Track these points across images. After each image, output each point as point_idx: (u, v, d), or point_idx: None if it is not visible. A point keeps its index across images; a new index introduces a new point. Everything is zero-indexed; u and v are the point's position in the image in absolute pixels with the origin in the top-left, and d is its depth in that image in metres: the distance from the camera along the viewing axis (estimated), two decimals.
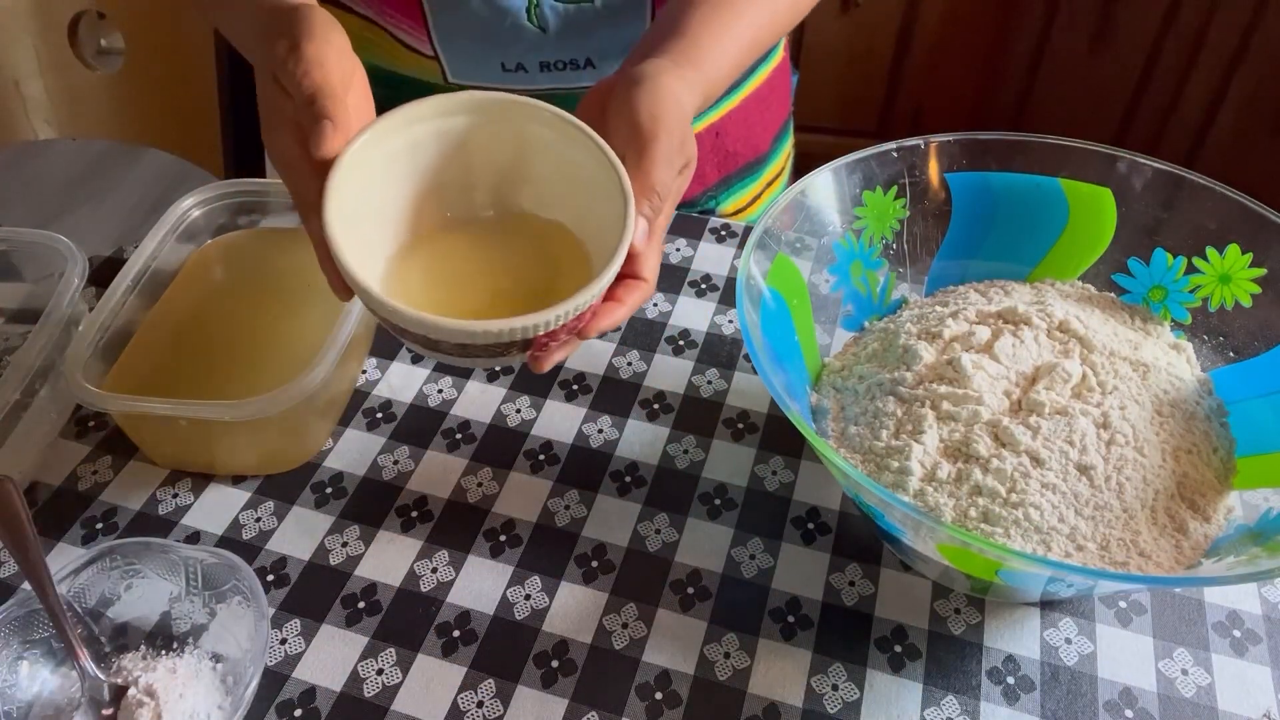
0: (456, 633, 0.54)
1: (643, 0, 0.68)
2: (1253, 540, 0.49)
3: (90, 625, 0.52)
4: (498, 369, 0.68)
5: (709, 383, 0.67)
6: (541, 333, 0.43)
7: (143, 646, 0.52)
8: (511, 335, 0.42)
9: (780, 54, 0.86)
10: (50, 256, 0.65)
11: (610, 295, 0.47)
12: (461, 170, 0.49)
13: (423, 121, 0.47)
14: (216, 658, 0.52)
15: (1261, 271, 0.57)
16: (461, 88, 0.72)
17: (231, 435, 0.59)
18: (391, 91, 0.76)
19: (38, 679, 0.50)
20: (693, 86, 0.51)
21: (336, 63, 0.46)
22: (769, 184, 0.90)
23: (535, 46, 0.69)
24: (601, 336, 0.70)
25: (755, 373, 0.67)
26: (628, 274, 0.47)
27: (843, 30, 1.86)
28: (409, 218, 0.50)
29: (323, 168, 0.44)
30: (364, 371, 0.68)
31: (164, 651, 0.52)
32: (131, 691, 0.49)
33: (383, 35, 0.71)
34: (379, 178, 0.47)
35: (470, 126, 0.48)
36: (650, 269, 0.48)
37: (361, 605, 0.55)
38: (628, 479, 0.61)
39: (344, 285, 0.45)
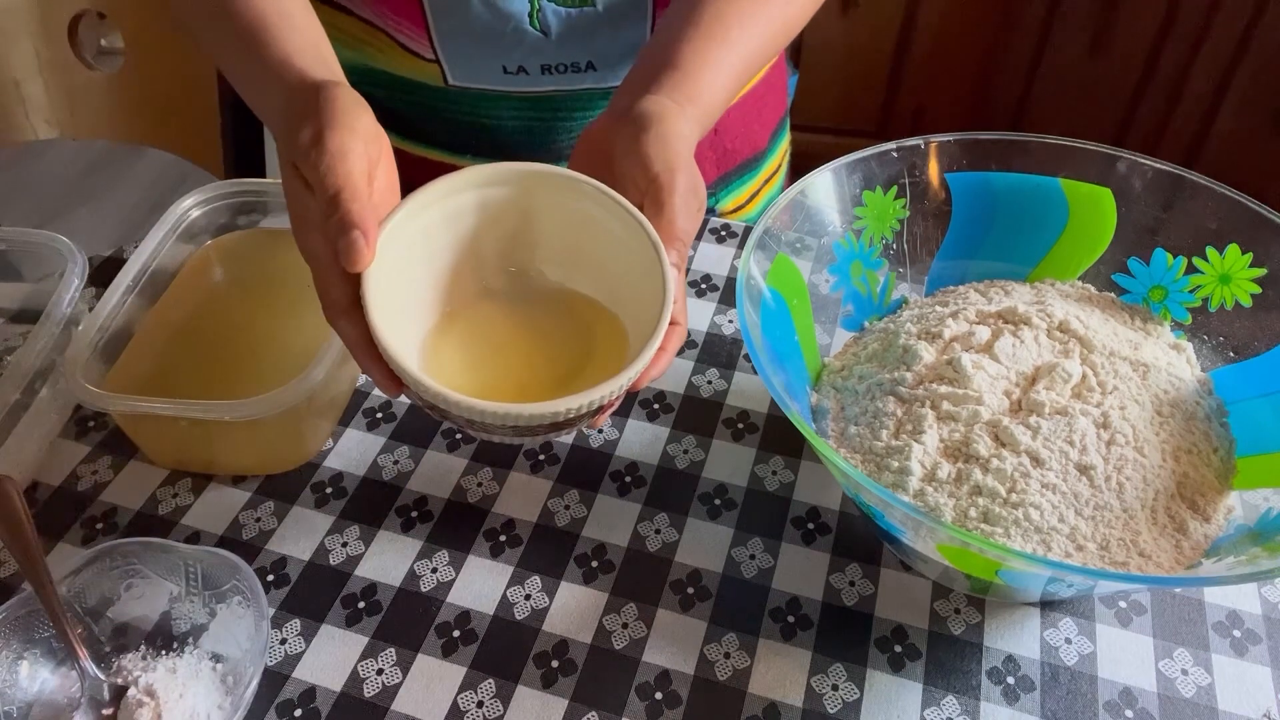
0: (456, 633, 0.54)
1: (644, 4, 0.68)
2: (1253, 540, 0.49)
3: (90, 625, 0.52)
4: None
5: (709, 383, 0.67)
6: (607, 401, 0.44)
7: (143, 646, 0.52)
8: (579, 411, 0.43)
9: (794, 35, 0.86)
10: (50, 256, 0.65)
11: None
12: (496, 241, 0.49)
13: (458, 194, 0.47)
14: (216, 657, 0.52)
15: (1261, 271, 0.57)
16: (462, 90, 0.72)
17: (231, 435, 0.59)
18: (391, 93, 0.76)
19: (38, 679, 0.50)
20: (692, 121, 0.51)
21: (362, 153, 0.45)
22: (766, 180, 0.90)
23: (537, 50, 0.69)
24: None
25: (755, 373, 0.67)
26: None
27: (843, 30, 1.86)
28: (444, 291, 0.50)
29: (352, 275, 0.44)
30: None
31: (164, 651, 0.52)
32: (131, 691, 0.49)
33: (383, 38, 0.71)
34: (416, 253, 0.46)
35: (505, 198, 0.48)
36: (683, 312, 0.48)
37: (361, 605, 0.55)
38: (628, 479, 0.61)
39: (392, 380, 0.45)
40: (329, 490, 0.61)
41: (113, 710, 0.49)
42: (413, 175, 0.82)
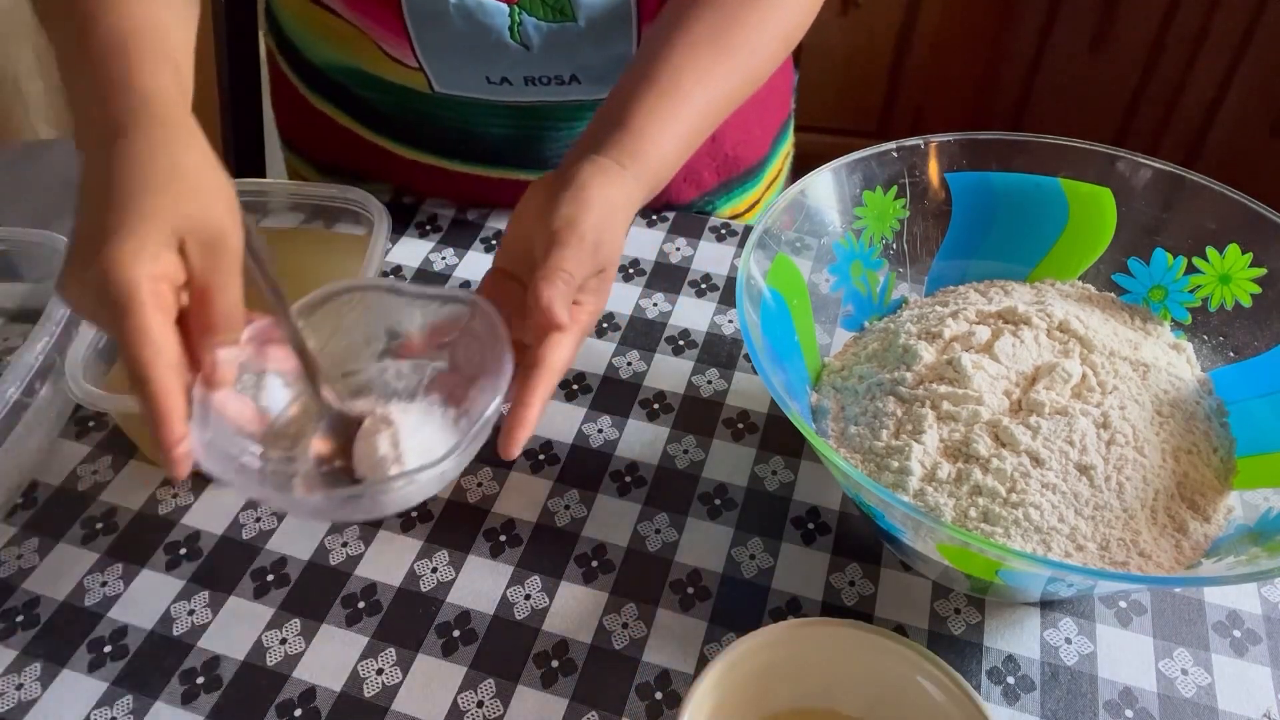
0: (456, 633, 0.54)
1: (628, 19, 0.67)
2: (1253, 540, 0.49)
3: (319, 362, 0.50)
4: None
5: (709, 383, 0.67)
6: None
7: (372, 394, 0.53)
8: None
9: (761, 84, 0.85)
10: (50, 256, 0.65)
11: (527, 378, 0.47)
12: (816, 691, 0.48)
13: (785, 644, 0.46)
14: (444, 402, 0.52)
15: (1261, 271, 0.57)
16: (448, 97, 0.72)
17: None
18: (381, 96, 0.76)
19: (276, 402, 0.50)
20: (630, 182, 0.51)
21: (151, 284, 0.39)
22: (768, 187, 0.90)
23: (520, 62, 0.69)
24: (600, 336, 0.70)
25: (755, 373, 0.67)
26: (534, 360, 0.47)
27: (843, 30, 1.87)
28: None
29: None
30: None
31: (393, 399, 0.52)
32: (368, 421, 0.49)
33: (370, 44, 0.71)
34: (736, 692, 0.46)
35: (838, 663, 0.46)
36: (560, 351, 0.48)
37: (361, 605, 0.55)
38: (628, 479, 0.61)
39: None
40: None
41: (347, 437, 0.49)
42: (405, 177, 0.82)
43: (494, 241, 0.78)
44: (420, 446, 0.48)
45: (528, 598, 0.55)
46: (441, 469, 0.46)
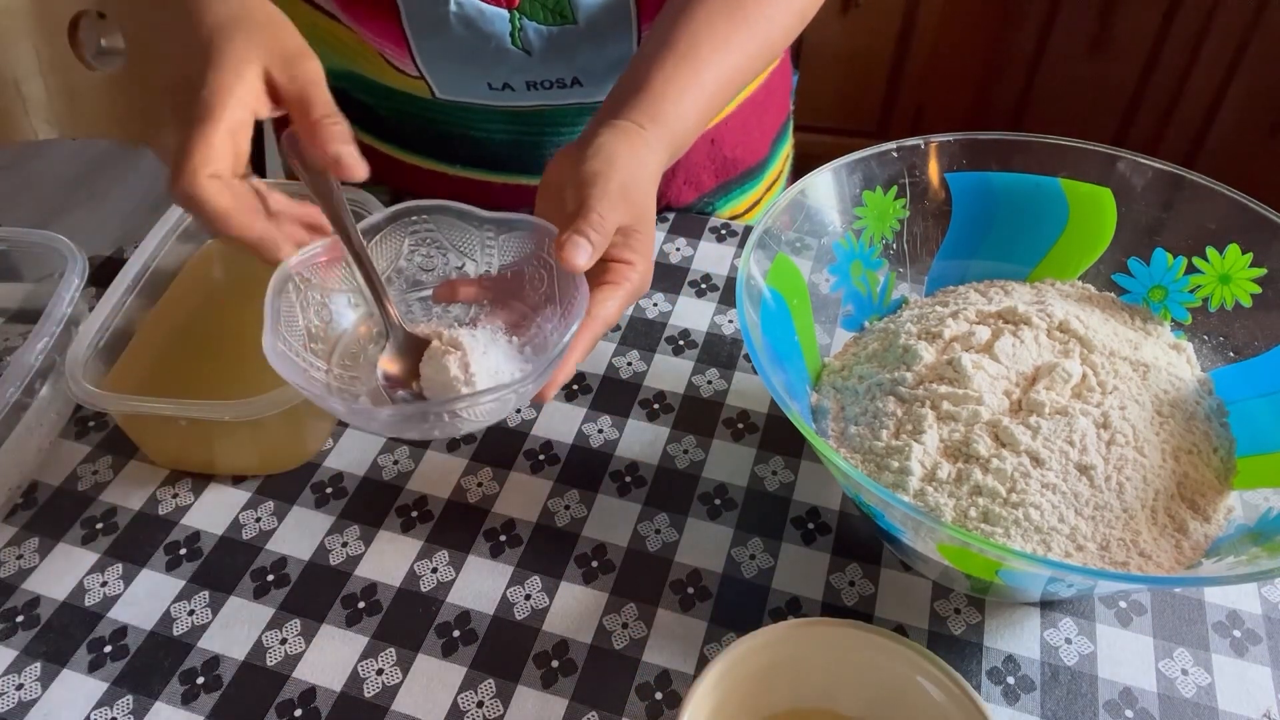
0: (456, 633, 0.54)
1: (628, 19, 0.67)
2: (1253, 540, 0.49)
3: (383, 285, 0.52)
4: None
5: (709, 383, 0.67)
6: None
7: (436, 309, 0.53)
8: None
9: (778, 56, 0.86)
10: (50, 256, 0.65)
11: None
12: (816, 691, 0.48)
13: (785, 644, 0.46)
14: (507, 330, 0.52)
15: (1261, 271, 0.57)
16: (449, 103, 0.72)
17: (231, 435, 0.59)
18: (380, 101, 0.76)
19: (341, 322, 0.52)
20: (653, 143, 0.52)
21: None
22: (769, 188, 0.90)
23: (521, 68, 0.68)
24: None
25: (755, 373, 0.67)
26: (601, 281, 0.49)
27: (843, 30, 1.87)
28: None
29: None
30: None
31: (457, 324, 0.52)
32: (435, 343, 0.50)
33: (371, 51, 0.71)
34: (737, 692, 0.46)
35: (838, 663, 0.47)
36: (607, 305, 0.49)
37: (361, 605, 0.55)
38: (628, 479, 0.61)
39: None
40: (329, 490, 0.61)
41: (414, 359, 0.50)
42: (403, 182, 0.82)
43: None
44: (489, 370, 0.49)
45: (528, 598, 0.55)
46: (516, 392, 0.46)
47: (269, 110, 0.48)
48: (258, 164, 1.04)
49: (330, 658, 0.53)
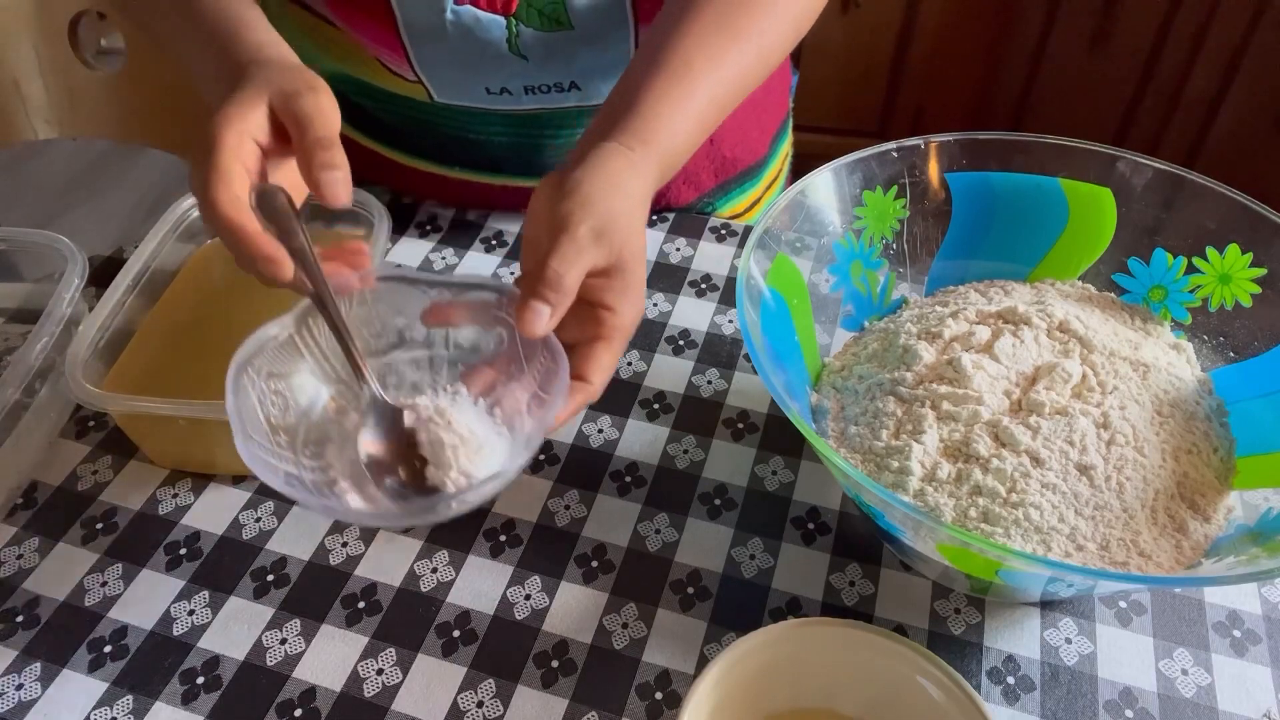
0: (456, 633, 0.54)
1: (625, 22, 0.67)
2: (1253, 540, 0.49)
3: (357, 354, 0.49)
4: None
5: (709, 383, 0.67)
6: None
7: (390, 387, 0.51)
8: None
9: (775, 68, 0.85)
10: (50, 256, 0.65)
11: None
12: (816, 691, 0.48)
13: (785, 644, 0.46)
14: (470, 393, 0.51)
15: (1261, 271, 0.57)
16: (448, 107, 0.72)
17: (231, 435, 0.58)
18: (379, 105, 0.76)
19: (311, 396, 0.49)
20: (641, 166, 0.50)
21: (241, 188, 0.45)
22: (768, 187, 0.90)
23: (518, 73, 0.68)
24: None
25: (755, 373, 0.67)
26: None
27: (843, 30, 1.87)
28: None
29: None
30: None
31: (415, 391, 0.51)
32: (422, 409, 0.48)
33: (369, 56, 0.71)
34: (737, 692, 0.46)
35: (838, 663, 0.47)
36: (600, 371, 0.48)
37: (361, 605, 0.55)
38: (628, 479, 0.61)
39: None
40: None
41: (395, 436, 0.48)
42: (404, 184, 0.82)
43: (494, 242, 0.78)
44: (476, 442, 0.47)
45: (528, 598, 0.55)
46: (520, 465, 0.45)
47: (270, 141, 0.48)
48: None
49: (330, 658, 0.53)
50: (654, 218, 0.81)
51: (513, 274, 0.76)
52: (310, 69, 0.51)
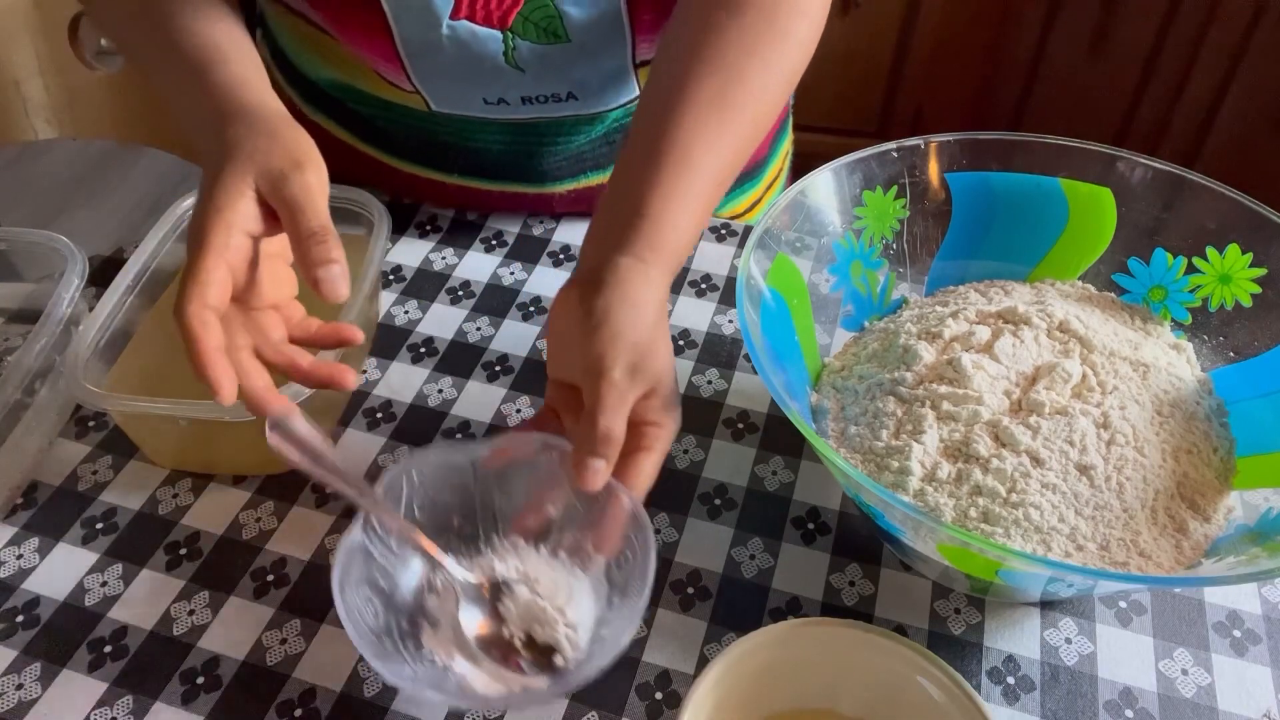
0: None
1: (622, 33, 0.67)
2: (1253, 540, 0.49)
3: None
4: (498, 369, 0.68)
5: (709, 383, 0.67)
6: None
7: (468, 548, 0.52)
8: None
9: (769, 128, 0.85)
10: (50, 256, 0.65)
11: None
12: (816, 691, 0.48)
13: (785, 644, 0.46)
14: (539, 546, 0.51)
15: (1261, 271, 0.57)
16: (446, 115, 0.72)
17: (231, 435, 0.59)
18: (377, 112, 0.76)
19: (401, 593, 0.49)
20: (655, 276, 0.50)
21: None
22: (768, 187, 0.90)
23: (515, 84, 0.68)
24: None
25: (755, 373, 0.67)
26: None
27: (843, 30, 1.86)
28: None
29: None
30: (364, 371, 0.68)
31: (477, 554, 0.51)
32: (509, 579, 0.48)
33: (367, 67, 0.71)
34: (737, 692, 0.46)
35: (838, 663, 0.47)
36: (639, 477, 0.48)
37: None
38: None
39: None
40: (329, 490, 0.61)
41: (491, 610, 0.48)
42: (401, 189, 0.82)
43: (494, 242, 0.78)
44: (567, 592, 0.49)
45: None
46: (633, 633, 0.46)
47: (262, 228, 0.49)
48: None
49: (330, 658, 0.53)
50: None
51: (512, 274, 0.76)
52: (298, 126, 0.52)
